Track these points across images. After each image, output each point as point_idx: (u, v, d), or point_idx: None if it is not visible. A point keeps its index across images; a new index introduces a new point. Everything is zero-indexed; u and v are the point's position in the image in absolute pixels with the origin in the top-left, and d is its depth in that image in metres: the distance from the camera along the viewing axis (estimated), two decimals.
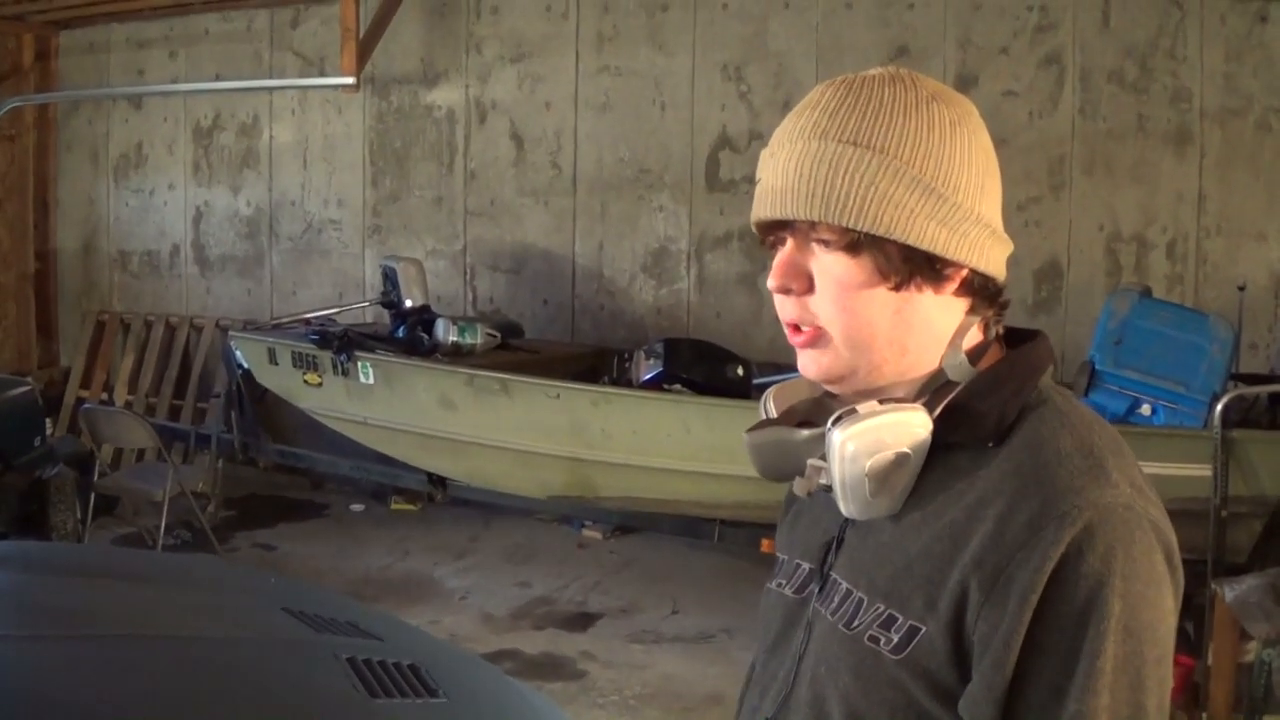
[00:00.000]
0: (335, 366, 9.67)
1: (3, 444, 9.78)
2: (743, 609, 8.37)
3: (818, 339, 1.98)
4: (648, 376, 8.64)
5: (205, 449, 11.44)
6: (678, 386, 8.53)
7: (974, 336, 2.01)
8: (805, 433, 2.01)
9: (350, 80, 10.83)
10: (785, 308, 2.01)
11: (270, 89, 12.50)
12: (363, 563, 10.08)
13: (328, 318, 10.72)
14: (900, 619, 1.90)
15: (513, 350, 9.90)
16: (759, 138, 10.10)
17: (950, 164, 1.93)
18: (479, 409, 8.94)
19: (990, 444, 1.93)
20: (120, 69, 13.49)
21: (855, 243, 1.90)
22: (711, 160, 10.42)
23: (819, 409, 2.10)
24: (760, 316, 10.18)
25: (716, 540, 9.07)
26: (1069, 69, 9.39)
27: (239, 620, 4.67)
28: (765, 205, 1.98)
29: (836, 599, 2.03)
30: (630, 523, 10.24)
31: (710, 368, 8.72)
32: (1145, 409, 7.76)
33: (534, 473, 9.07)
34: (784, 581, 2.23)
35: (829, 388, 2.06)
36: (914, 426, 1.91)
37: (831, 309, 1.95)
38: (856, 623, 1.97)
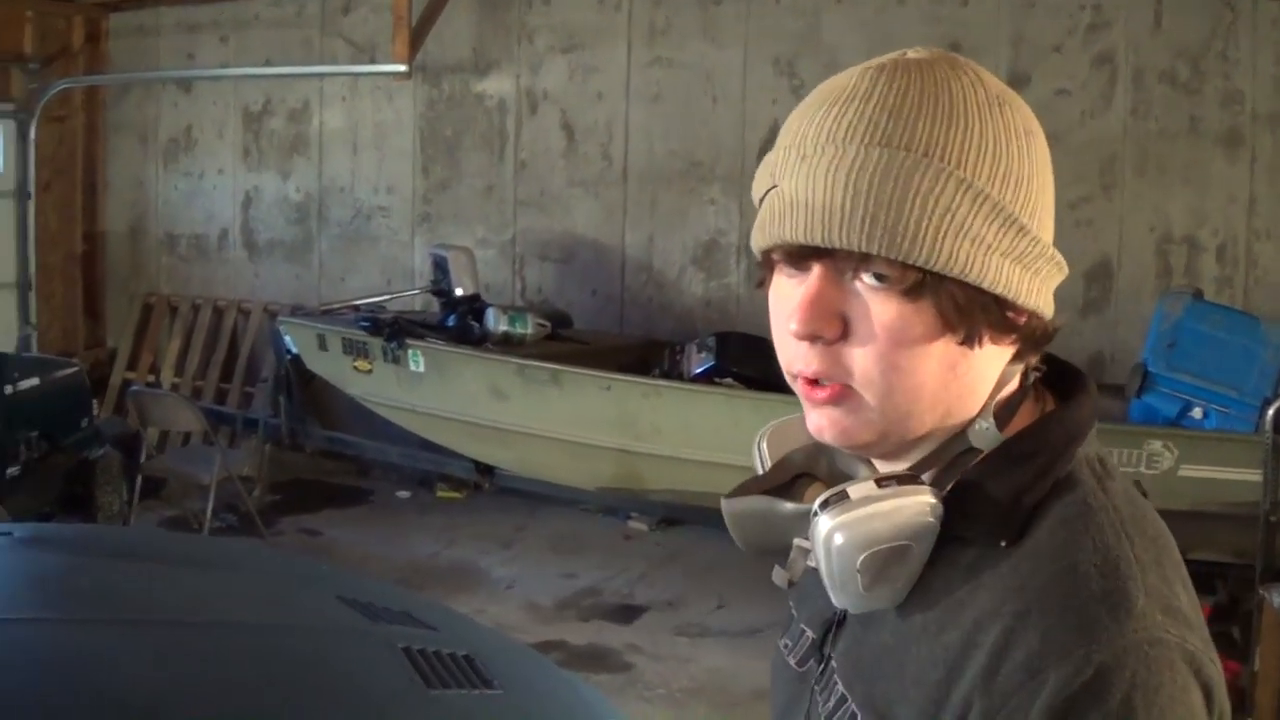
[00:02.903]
0: (385, 354, 9.70)
1: (50, 425, 9.84)
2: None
3: (843, 397, 1.57)
4: (699, 370, 8.65)
5: (252, 433, 11.53)
6: (729, 380, 8.54)
7: (1010, 388, 1.64)
8: (790, 507, 1.66)
9: (402, 68, 10.87)
10: (804, 357, 1.57)
11: (321, 75, 12.50)
12: (409, 550, 10.09)
13: (377, 305, 10.76)
14: None
15: (562, 340, 9.91)
16: None
17: (1028, 185, 1.54)
18: (529, 399, 8.97)
19: (1002, 543, 1.55)
20: (170, 52, 13.50)
21: (919, 284, 1.50)
22: (762, 153, 10.32)
23: (820, 459, 1.77)
24: None
25: None
26: (1121, 69, 9.36)
27: (293, 608, 4.69)
28: (794, 225, 1.53)
29: (832, 700, 1.70)
30: (676, 515, 10.24)
31: (762, 362, 8.68)
32: (1197, 412, 7.75)
33: (582, 464, 9.09)
34: (790, 644, 1.89)
35: (846, 450, 1.68)
36: (919, 514, 1.54)
37: (876, 365, 1.54)
38: None
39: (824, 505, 1.54)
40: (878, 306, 1.52)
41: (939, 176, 1.48)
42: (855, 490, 1.54)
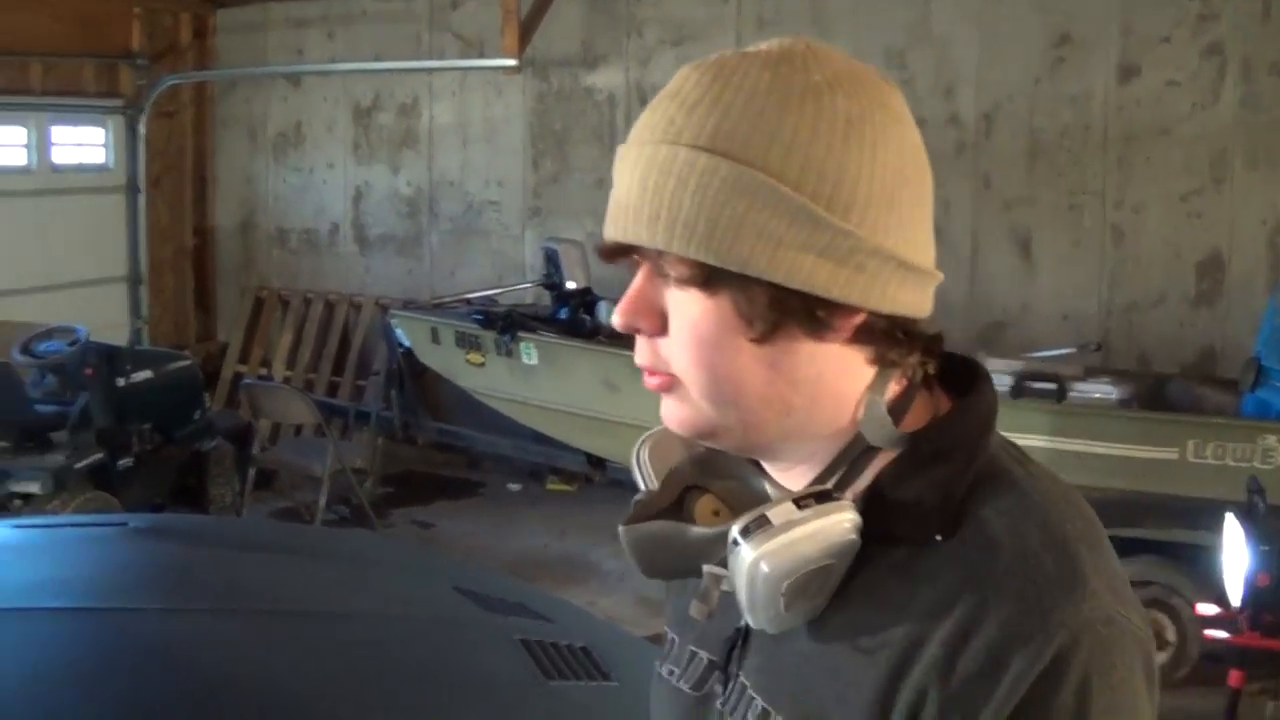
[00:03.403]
0: (498, 347, 9.73)
1: (162, 417, 9.92)
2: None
3: (672, 387, 1.59)
4: None
5: (364, 426, 11.56)
6: None
7: (892, 389, 1.59)
8: (698, 532, 1.61)
9: (512, 62, 10.88)
10: (637, 348, 1.61)
11: (430, 70, 12.55)
12: (519, 542, 10.14)
13: (489, 298, 10.83)
14: None
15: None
16: (922, 124, 9.84)
17: (841, 176, 1.47)
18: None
19: (937, 537, 1.53)
20: (278, 48, 13.65)
21: (710, 279, 1.49)
22: None
23: (708, 469, 1.71)
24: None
25: None
26: (1230, 60, 9.29)
27: (410, 599, 4.72)
28: (609, 222, 1.56)
29: (751, 717, 1.64)
30: None
31: None
32: None
33: None
34: (676, 670, 1.80)
35: (705, 443, 1.66)
36: (841, 533, 1.51)
37: (686, 361, 1.55)
38: None
39: (744, 533, 1.50)
40: (681, 303, 1.53)
41: (719, 170, 1.46)
42: (776, 515, 1.50)
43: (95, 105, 12.90)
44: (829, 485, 1.56)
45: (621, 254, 1.56)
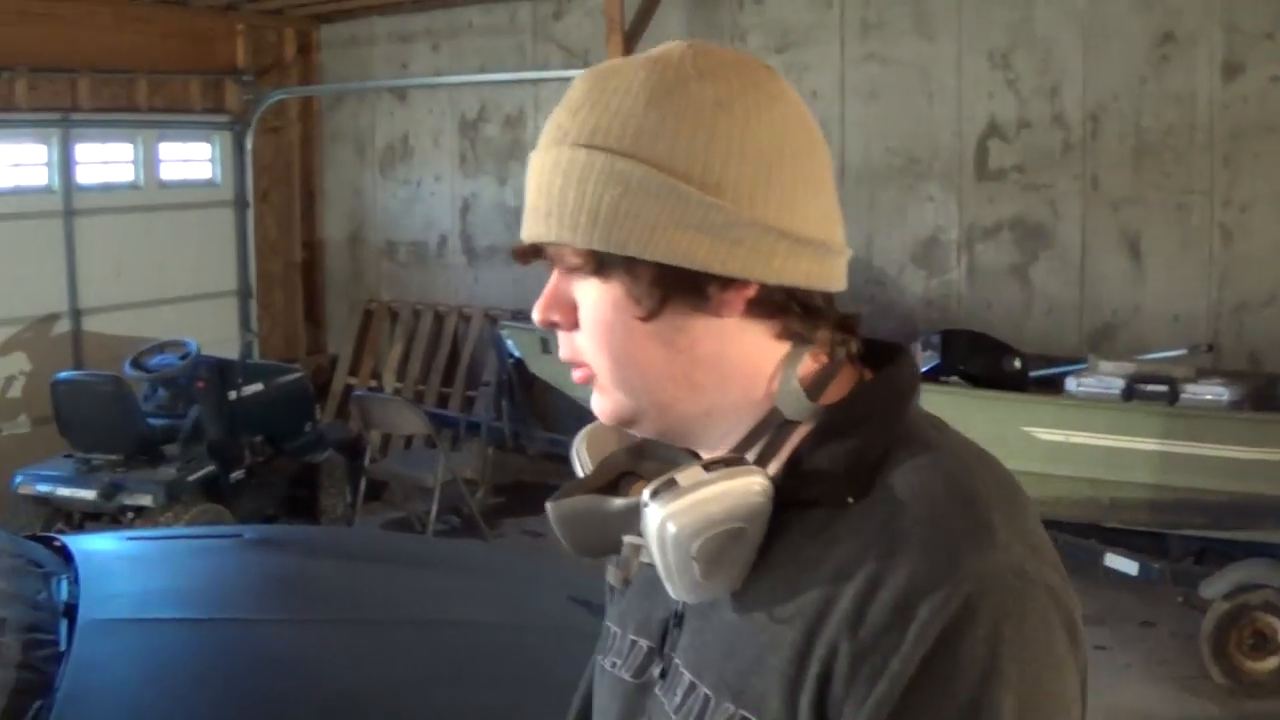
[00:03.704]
0: None
1: (274, 429, 10.05)
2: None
3: (593, 379, 1.67)
4: (924, 368, 8.55)
5: (474, 436, 11.57)
6: (955, 379, 8.44)
7: (809, 365, 1.63)
8: (619, 503, 1.64)
9: None
10: (559, 343, 1.70)
11: (535, 81, 12.53)
12: None
13: None
14: None
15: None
16: (1028, 125, 9.98)
17: (709, 156, 1.55)
18: None
19: (850, 499, 1.56)
20: (383, 62, 13.69)
21: (601, 265, 1.58)
22: (980, 149, 10.27)
23: (642, 457, 1.78)
24: (1031, 308, 10.03)
25: None
26: None
27: (526, 608, 4.71)
28: (522, 226, 1.67)
29: (680, 693, 1.65)
30: None
31: (987, 360, 8.61)
32: None
33: None
34: (618, 661, 1.83)
35: (633, 432, 1.74)
36: (749, 494, 1.54)
37: (592, 349, 1.64)
38: None
39: (653, 495, 1.54)
40: (582, 293, 1.63)
41: (594, 161, 1.56)
42: (684, 477, 1.54)
43: (202, 121, 13.02)
44: (748, 456, 1.62)
45: (532, 254, 1.67)
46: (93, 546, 4.88)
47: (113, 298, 11.87)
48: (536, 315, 1.67)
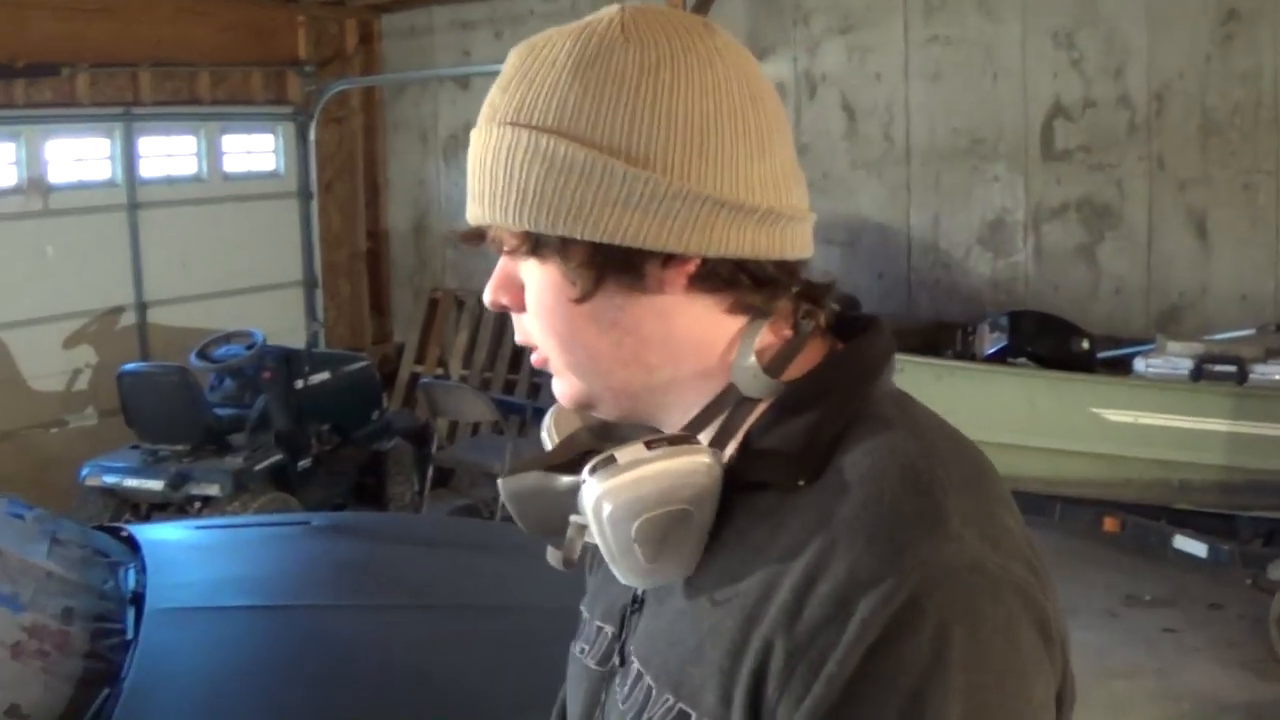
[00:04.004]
0: None
1: (341, 418, 10.06)
2: (1082, 591, 8.17)
3: (548, 363, 1.62)
4: (992, 350, 8.53)
5: (541, 422, 11.52)
6: (1023, 360, 8.40)
7: (771, 339, 1.56)
8: (566, 480, 1.54)
9: None
10: (515, 328, 1.65)
11: None
12: None
13: None
14: (692, 716, 1.47)
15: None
16: (1093, 105, 9.88)
17: (634, 126, 1.47)
18: None
19: (800, 482, 1.47)
20: (445, 50, 13.65)
21: (536, 246, 1.51)
22: (1046, 129, 10.18)
23: (607, 435, 1.69)
24: (1098, 289, 9.94)
25: (1057, 519, 8.86)
26: None
27: None
28: (467, 209, 1.60)
29: (629, 683, 1.60)
30: None
31: (1055, 341, 8.58)
32: None
33: None
34: (587, 647, 1.77)
35: (594, 414, 1.67)
36: (692, 474, 1.46)
37: (537, 331, 1.59)
38: (646, 717, 1.54)
39: (592, 471, 1.47)
40: (526, 275, 1.57)
41: (521, 140, 1.50)
42: (623, 454, 1.47)
43: (264, 113, 13.05)
44: (702, 435, 1.54)
45: (476, 237, 1.60)
46: (160, 536, 4.90)
47: (178, 290, 11.91)
48: (486, 297, 1.63)
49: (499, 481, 1.62)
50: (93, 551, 4.42)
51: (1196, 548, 7.91)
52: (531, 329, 1.60)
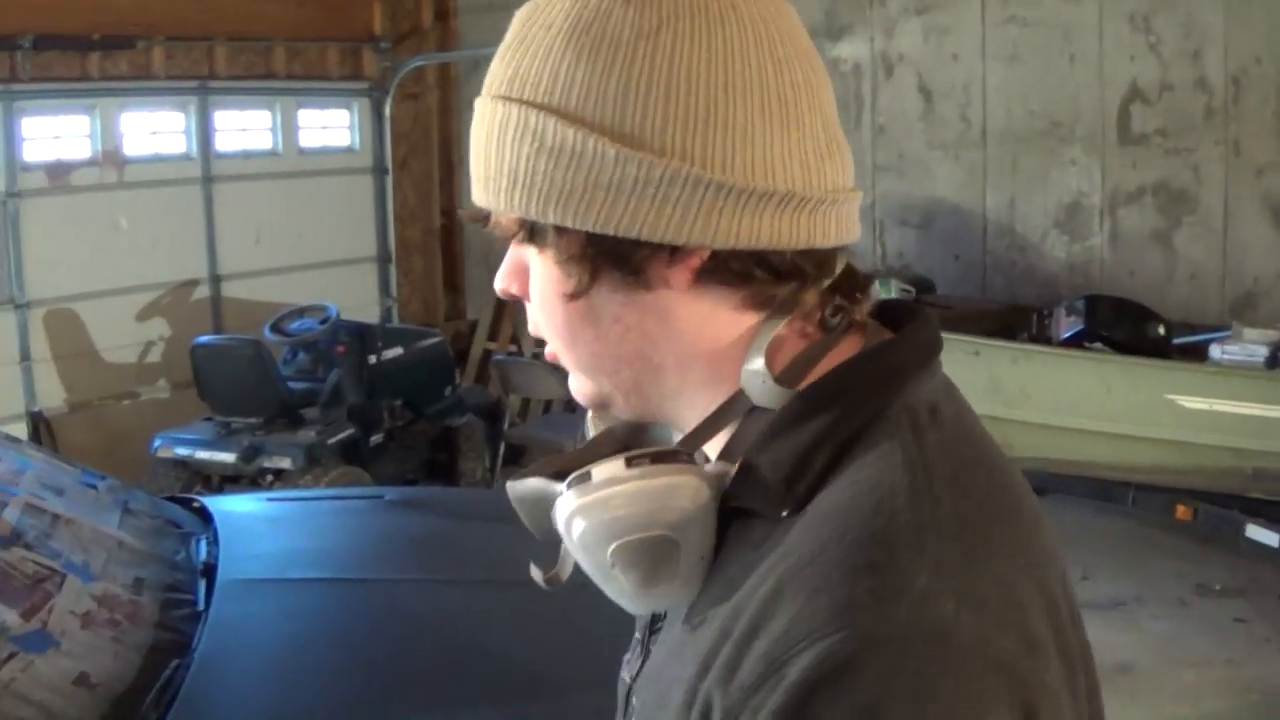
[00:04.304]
0: None
1: (413, 394, 10.09)
2: (1154, 578, 8.12)
3: (556, 358, 1.47)
4: (1068, 334, 8.48)
5: None
6: (1098, 345, 8.35)
7: (794, 339, 1.38)
8: (560, 489, 1.38)
9: None
10: (528, 318, 1.49)
11: None
12: None
13: None
14: None
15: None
16: (1170, 89, 9.78)
17: (626, 99, 1.30)
18: None
19: (784, 512, 1.30)
20: None
21: (532, 234, 1.37)
22: (1123, 113, 10.08)
23: (640, 433, 1.52)
24: (1174, 275, 9.85)
25: (1130, 505, 8.79)
26: None
27: None
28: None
29: (627, 710, 1.52)
30: (1042, 484, 10.03)
31: (1131, 326, 8.52)
32: None
33: None
34: (629, 658, 1.61)
35: (611, 414, 1.50)
36: (673, 497, 1.31)
37: (540, 323, 1.45)
38: None
39: (570, 485, 1.35)
40: (530, 263, 1.42)
41: (512, 116, 1.35)
42: (600, 470, 1.33)
43: (340, 89, 13.07)
44: (710, 446, 1.40)
45: (483, 220, 1.44)
46: (232, 507, 4.91)
47: (252, 264, 11.94)
48: (496, 284, 1.49)
49: (507, 483, 1.48)
50: (164, 522, 4.43)
51: (1269, 537, 7.85)
52: (534, 319, 1.47)
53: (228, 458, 8.92)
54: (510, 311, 13.43)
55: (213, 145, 11.83)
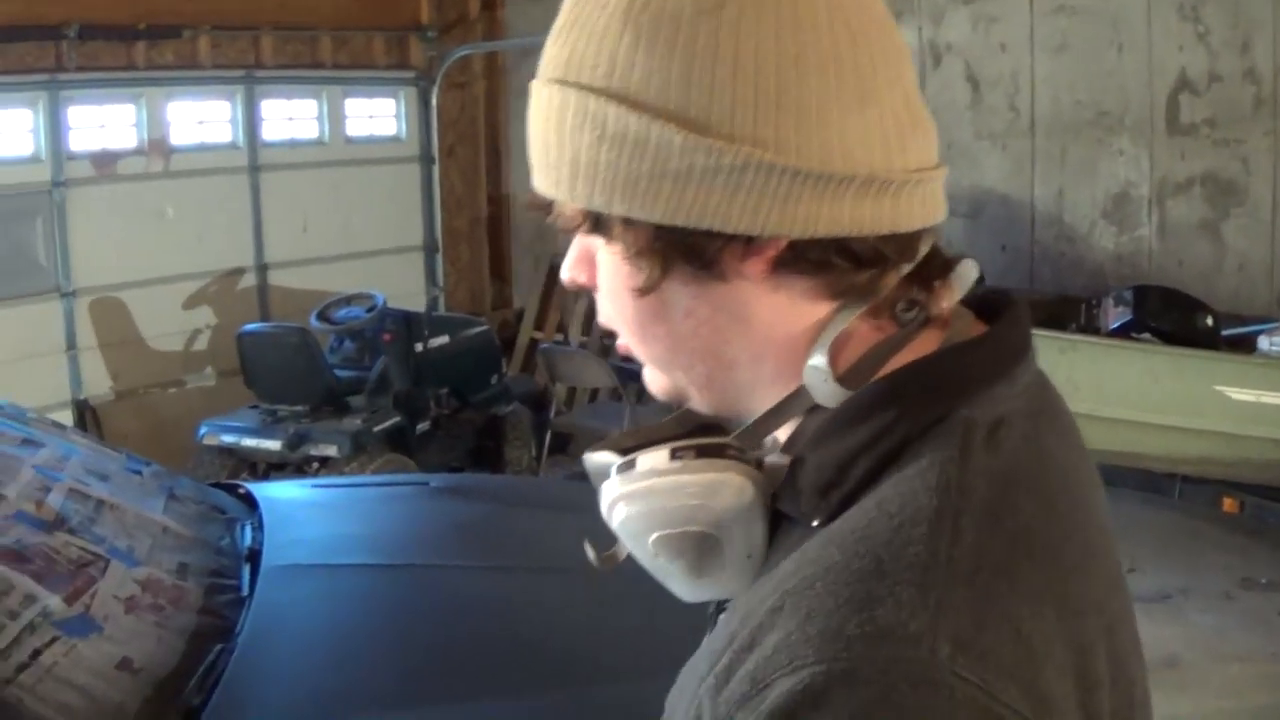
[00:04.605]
0: None
1: (459, 382, 10.09)
2: (1201, 570, 8.04)
3: (629, 350, 1.42)
4: (1116, 324, 8.42)
5: None
6: (1147, 336, 8.30)
7: (867, 332, 1.31)
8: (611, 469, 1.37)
9: None
10: (598, 309, 1.43)
11: None
12: None
13: None
14: None
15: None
16: (1219, 79, 9.71)
17: (690, 80, 1.22)
18: None
19: (814, 522, 1.25)
20: None
21: (597, 224, 1.30)
22: (1171, 103, 10.02)
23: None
24: (1223, 265, 9.79)
25: (1177, 497, 8.74)
26: None
27: None
28: None
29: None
30: None
31: (1179, 317, 8.45)
32: None
33: None
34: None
35: (690, 408, 1.44)
36: (715, 494, 1.28)
37: (609, 315, 1.39)
38: None
39: (618, 469, 1.33)
40: (598, 254, 1.36)
41: (569, 102, 1.28)
42: (645, 459, 1.32)
43: (386, 78, 13.04)
44: (769, 440, 1.36)
45: (544, 208, 1.38)
46: (277, 494, 4.91)
47: (298, 252, 11.95)
48: (563, 274, 1.44)
49: (584, 455, 1.46)
50: (209, 508, 4.44)
51: None
52: (603, 311, 1.41)
53: (273, 445, 8.93)
54: (557, 300, 13.43)
55: (259, 134, 11.82)
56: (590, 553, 1.48)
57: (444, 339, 9.97)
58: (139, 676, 3.16)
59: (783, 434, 1.37)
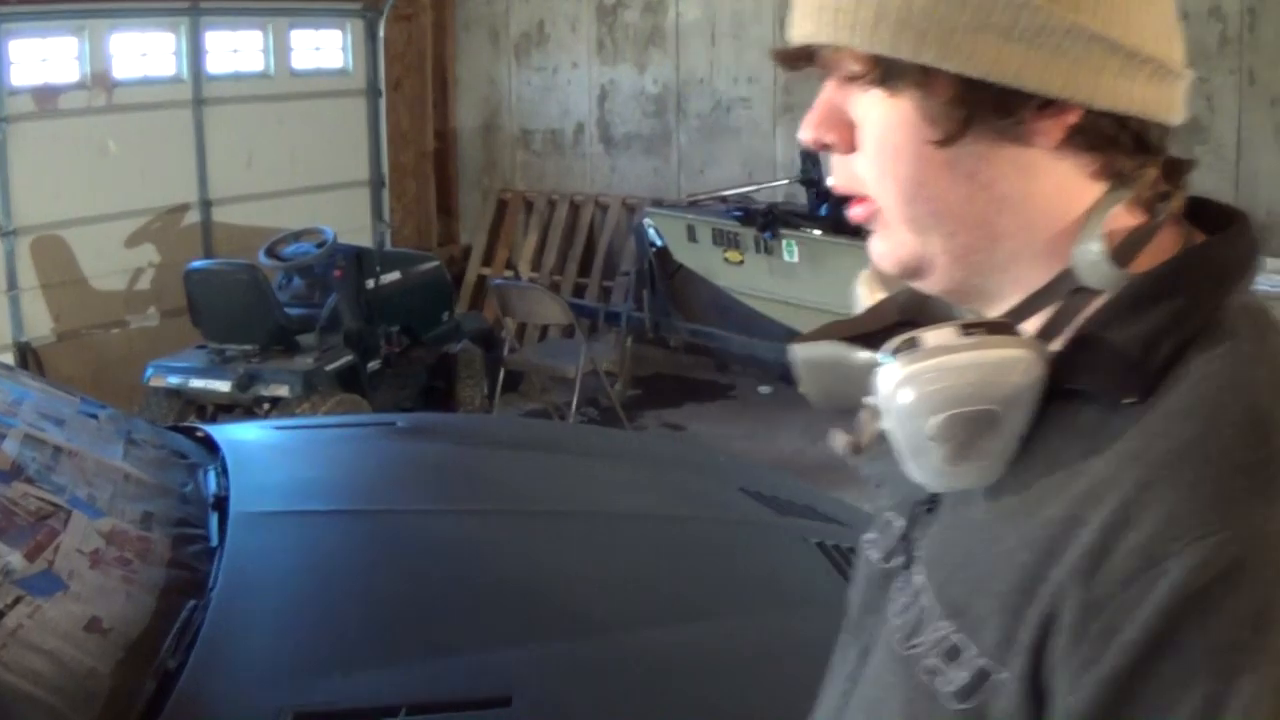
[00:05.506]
0: (758, 244, 9.68)
1: (411, 319, 10.01)
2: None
3: (875, 216, 1.36)
4: None
5: (612, 326, 11.42)
6: None
7: (1123, 218, 1.29)
8: (864, 356, 1.34)
9: None
10: (832, 169, 1.39)
11: None
12: (774, 446, 9.80)
13: (745, 195, 10.70)
14: (967, 652, 1.25)
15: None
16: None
17: None
18: None
19: (1128, 399, 1.22)
20: None
21: (889, 75, 1.26)
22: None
23: (918, 310, 1.46)
24: None
25: None
26: None
27: (698, 500, 4.56)
28: (790, 27, 1.34)
29: (908, 594, 1.40)
30: None
31: None
32: None
33: None
34: (876, 538, 1.54)
35: (918, 286, 1.41)
36: (1007, 371, 1.23)
37: (874, 175, 1.33)
38: (916, 641, 1.33)
39: (893, 353, 1.27)
40: (867, 108, 1.31)
41: None
42: (931, 337, 1.26)
43: (332, 9, 12.85)
44: (1027, 325, 1.32)
45: (801, 59, 1.35)
46: (239, 437, 4.68)
47: (242, 188, 11.79)
48: (805, 134, 1.36)
49: (792, 345, 1.42)
50: (170, 453, 4.20)
51: None
52: (866, 174, 1.32)
53: (223, 386, 8.73)
54: (505, 236, 13.34)
55: (203, 67, 11.63)
56: (839, 440, 1.39)
57: (395, 275, 9.83)
58: (109, 637, 2.92)
59: (1030, 324, 1.33)
